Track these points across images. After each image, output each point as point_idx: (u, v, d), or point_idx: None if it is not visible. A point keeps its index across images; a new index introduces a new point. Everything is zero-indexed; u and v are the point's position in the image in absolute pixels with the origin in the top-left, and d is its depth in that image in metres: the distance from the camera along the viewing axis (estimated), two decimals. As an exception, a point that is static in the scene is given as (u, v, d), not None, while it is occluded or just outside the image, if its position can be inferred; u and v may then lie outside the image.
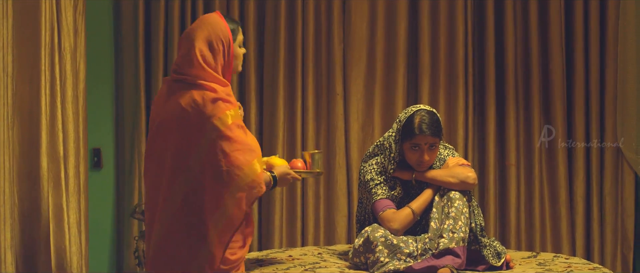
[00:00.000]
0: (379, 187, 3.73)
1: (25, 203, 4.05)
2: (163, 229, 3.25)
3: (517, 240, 5.29)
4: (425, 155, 3.66)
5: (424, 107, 3.72)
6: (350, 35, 5.30)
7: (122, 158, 5.22)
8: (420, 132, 3.61)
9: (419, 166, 3.70)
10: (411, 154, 3.68)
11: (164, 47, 5.15)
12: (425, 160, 3.66)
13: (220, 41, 3.30)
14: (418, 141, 3.63)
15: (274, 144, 5.17)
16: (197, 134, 3.22)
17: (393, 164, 3.72)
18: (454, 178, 3.63)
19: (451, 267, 3.36)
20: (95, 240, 4.96)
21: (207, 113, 3.20)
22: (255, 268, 3.56)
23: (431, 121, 3.63)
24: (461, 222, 3.48)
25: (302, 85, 5.26)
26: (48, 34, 4.19)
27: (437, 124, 3.65)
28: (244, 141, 3.24)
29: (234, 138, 3.22)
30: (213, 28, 3.31)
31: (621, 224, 5.31)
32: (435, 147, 3.68)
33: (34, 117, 4.10)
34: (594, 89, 5.31)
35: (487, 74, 5.31)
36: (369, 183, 3.76)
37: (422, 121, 3.62)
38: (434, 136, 3.63)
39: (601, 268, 3.56)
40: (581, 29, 5.30)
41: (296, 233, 5.24)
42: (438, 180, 3.66)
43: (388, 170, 3.73)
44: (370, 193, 3.74)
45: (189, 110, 3.23)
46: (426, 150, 3.65)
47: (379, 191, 3.72)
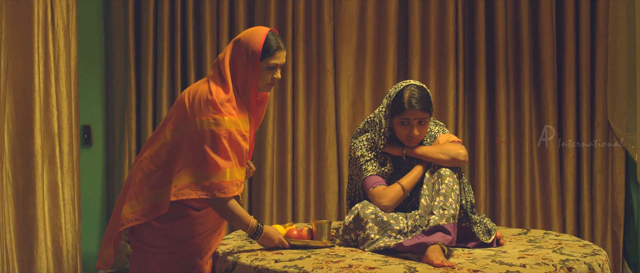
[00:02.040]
0: (369, 163, 3.73)
1: (20, 180, 4.04)
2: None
3: (508, 217, 5.31)
4: (415, 130, 3.65)
5: (414, 82, 3.71)
6: (341, 11, 5.29)
7: (112, 136, 5.22)
8: (410, 107, 3.60)
9: (409, 141, 3.70)
10: (401, 129, 3.67)
11: (154, 25, 5.14)
12: (415, 135, 3.66)
13: (248, 52, 3.35)
14: (407, 116, 3.63)
15: (264, 121, 5.17)
16: (184, 123, 3.33)
17: (383, 139, 3.71)
18: (444, 155, 3.63)
19: (441, 244, 3.36)
20: (86, 217, 4.97)
21: (195, 110, 3.30)
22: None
23: (421, 96, 3.63)
24: (451, 198, 3.48)
25: (293, 61, 5.25)
26: (41, 10, 4.17)
27: (427, 99, 3.65)
28: (223, 149, 3.28)
29: (209, 146, 3.28)
30: (249, 37, 3.38)
31: (611, 201, 5.33)
32: (425, 123, 3.67)
33: (28, 93, 4.09)
34: (584, 66, 5.31)
35: (477, 51, 5.31)
36: (359, 159, 3.76)
37: (411, 96, 3.62)
38: (424, 111, 3.62)
39: (591, 245, 3.57)
40: (572, 6, 5.30)
41: (286, 209, 5.25)
42: (429, 157, 3.65)
43: (378, 145, 3.72)
44: (361, 169, 3.74)
45: (188, 99, 3.35)
46: (416, 125, 3.64)
47: (369, 167, 3.72)
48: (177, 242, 3.41)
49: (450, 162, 3.62)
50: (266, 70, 3.39)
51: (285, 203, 5.25)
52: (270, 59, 3.37)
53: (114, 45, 5.17)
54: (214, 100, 3.29)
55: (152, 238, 3.41)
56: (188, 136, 3.30)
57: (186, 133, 3.31)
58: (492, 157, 5.37)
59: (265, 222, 5.16)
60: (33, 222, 4.09)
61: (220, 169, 3.26)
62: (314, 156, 5.31)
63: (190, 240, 3.43)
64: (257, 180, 5.22)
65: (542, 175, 5.35)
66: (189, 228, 3.42)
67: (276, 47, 3.38)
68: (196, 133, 3.28)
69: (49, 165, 4.20)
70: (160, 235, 3.40)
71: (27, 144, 4.08)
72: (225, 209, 3.32)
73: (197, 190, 3.27)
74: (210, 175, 3.25)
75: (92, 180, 5.18)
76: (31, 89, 4.09)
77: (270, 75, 3.41)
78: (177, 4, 5.14)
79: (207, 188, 3.26)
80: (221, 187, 3.26)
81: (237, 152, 3.31)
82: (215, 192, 3.26)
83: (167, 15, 5.11)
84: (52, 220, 4.22)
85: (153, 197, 3.36)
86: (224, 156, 3.27)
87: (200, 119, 3.29)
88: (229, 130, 3.27)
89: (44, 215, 4.15)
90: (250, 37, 3.37)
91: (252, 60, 3.34)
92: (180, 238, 3.41)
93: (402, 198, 3.65)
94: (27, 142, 4.08)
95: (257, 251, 3.44)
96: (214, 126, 3.27)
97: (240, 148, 3.32)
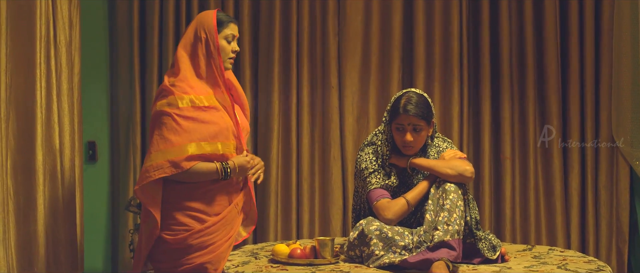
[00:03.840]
0: (373, 175, 3.74)
1: (21, 196, 4.04)
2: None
3: (512, 233, 5.30)
4: (408, 136, 3.66)
5: (415, 90, 3.74)
6: (345, 27, 5.30)
7: (117, 152, 5.22)
8: (404, 112, 3.63)
9: (404, 148, 3.70)
10: (397, 135, 3.69)
11: (159, 40, 5.15)
12: (408, 141, 3.66)
13: (203, 31, 3.51)
14: (401, 121, 3.64)
15: (269, 138, 5.16)
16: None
17: (387, 146, 3.73)
18: (451, 170, 3.63)
19: (446, 260, 3.36)
20: (90, 234, 4.96)
21: (154, 104, 3.50)
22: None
23: (417, 102, 3.64)
24: (456, 214, 3.49)
25: (297, 78, 5.25)
26: (43, 27, 4.18)
27: (423, 106, 3.65)
28: (158, 133, 3.41)
29: (155, 128, 3.45)
30: (200, 19, 3.55)
31: (616, 217, 5.31)
32: (421, 130, 3.67)
33: (29, 110, 4.09)
34: (588, 82, 5.30)
35: (482, 67, 5.30)
36: (364, 171, 3.77)
37: (407, 101, 3.64)
38: (418, 117, 3.63)
39: (596, 261, 3.57)
40: (576, 22, 5.29)
41: (291, 226, 5.24)
42: (435, 170, 3.66)
43: (383, 152, 3.73)
44: (365, 182, 3.75)
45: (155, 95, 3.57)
46: (410, 131, 3.65)
47: (373, 180, 3.73)
48: (184, 256, 3.44)
49: (457, 178, 3.63)
50: (225, 41, 3.56)
51: (290, 220, 5.25)
52: (226, 30, 3.56)
53: (119, 61, 5.17)
54: (165, 85, 3.47)
55: (162, 253, 3.45)
56: (150, 126, 3.48)
57: (150, 125, 3.50)
58: (497, 172, 5.37)
59: (270, 239, 5.15)
60: (34, 239, 4.09)
61: (175, 145, 3.37)
62: (318, 172, 5.30)
63: (205, 249, 3.45)
64: (261, 196, 5.21)
65: (546, 191, 5.34)
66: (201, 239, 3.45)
67: (227, 19, 3.58)
68: (153, 119, 3.46)
69: (50, 181, 4.20)
70: (171, 250, 3.42)
71: (28, 160, 4.08)
72: (191, 177, 3.41)
73: (158, 170, 3.36)
74: (168, 152, 3.36)
75: (97, 196, 5.17)
76: (33, 105, 4.10)
77: (229, 48, 3.59)
78: (182, 20, 5.15)
79: (169, 166, 3.36)
80: (176, 162, 3.36)
81: (195, 127, 3.42)
82: (173, 168, 3.36)
83: (172, 31, 5.12)
84: (53, 237, 4.22)
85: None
86: (178, 133, 3.38)
87: (154, 105, 3.47)
88: (181, 108, 3.41)
89: (46, 232, 4.15)
90: (200, 20, 3.56)
91: (211, 34, 3.50)
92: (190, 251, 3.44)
93: (407, 212, 3.65)
94: (29, 158, 4.08)
95: (262, 267, 3.44)
96: (167, 107, 3.41)
97: (201, 122, 3.42)
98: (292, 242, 3.92)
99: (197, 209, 3.44)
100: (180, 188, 3.44)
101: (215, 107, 3.47)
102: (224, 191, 3.51)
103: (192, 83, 3.46)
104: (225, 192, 3.52)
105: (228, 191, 3.53)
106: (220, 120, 3.46)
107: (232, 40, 3.60)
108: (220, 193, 3.50)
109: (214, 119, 3.44)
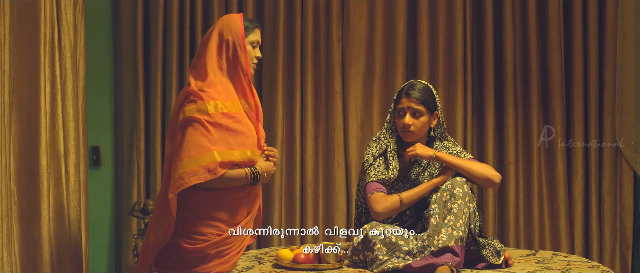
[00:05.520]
0: (371, 168, 3.76)
1: (25, 201, 4.04)
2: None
3: (516, 238, 5.29)
4: (407, 119, 3.68)
5: (420, 80, 3.79)
6: (349, 33, 5.30)
7: (121, 157, 5.22)
8: (405, 95, 3.66)
9: (404, 133, 3.72)
10: (398, 121, 3.73)
11: (163, 45, 5.15)
12: (406, 123, 3.68)
13: (230, 34, 3.48)
14: (402, 105, 3.68)
15: (273, 142, 5.17)
16: (175, 125, 3.50)
17: (390, 134, 3.76)
18: (478, 170, 3.66)
19: (450, 265, 3.36)
20: (94, 239, 4.97)
21: (180, 106, 3.46)
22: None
23: (418, 88, 3.68)
24: (462, 220, 3.49)
25: (301, 83, 5.26)
26: (48, 32, 4.18)
27: (424, 92, 3.69)
28: (190, 139, 3.37)
29: (185, 134, 3.39)
30: (225, 22, 3.52)
31: (620, 222, 5.31)
32: (421, 115, 3.69)
33: (34, 115, 4.09)
34: (592, 87, 5.30)
35: (485, 72, 5.31)
36: (364, 164, 3.80)
37: (409, 87, 3.70)
38: (418, 101, 3.66)
39: (600, 266, 3.57)
40: (580, 28, 5.29)
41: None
42: (461, 167, 3.66)
43: (387, 140, 3.77)
44: (364, 174, 3.78)
45: (175, 105, 3.53)
46: (410, 115, 3.67)
47: (371, 173, 3.75)
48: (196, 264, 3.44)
49: (483, 180, 3.65)
50: (250, 46, 3.57)
51: (294, 225, 5.24)
52: (251, 35, 3.56)
53: (123, 66, 5.18)
54: (193, 89, 3.43)
55: (175, 260, 3.45)
56: (179, 131, 3.42)
57: (177, 130, 3.43)
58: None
59: (274, 244, 5.15)
60: (38, 244, 4.09)
61: (207, 151, 3.34)
62: (322, 177, 5.30)
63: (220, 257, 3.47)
64: (265, 200, 5.21)
65: (550, 196, 5.33)
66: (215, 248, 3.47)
67: (252, 24, 3.58)
68: (182, 125, 3.40)
69: (54, 186, 4.20)
70: (187, 258, 3.42)
71: (32, 165, 4.08)
72: (224, 183, 3.41)
73: (193, 176, 3.33)
74: (201, 158, 3.34)
75: (101, 201, 5.18)
76: (37, 110, 4.10)
77: (253, 53, 3.59)
78: (186, 26, 5.15)
79: (204, 172, 3.34)
80: (210, 168, 3.33)
81: (225, 135, 3.40)
82: (208, 174, 3.34)
83: (175, 37, 5.13)
84: (57, 242, 4.22)
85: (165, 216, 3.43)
86: (210, 140, 3.35)
87: (183, 110, 3.42)
88: (212, 114, 3.38)
89: (50, 237, 4.15)
90: (226, 23, 3.53)
91: (238, 39, 3.49)
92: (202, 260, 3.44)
93: (398, 210, 3.66)
94: (33, 163, 4.08)
95: (266, 272, 3.44)
96: (197, 113, 3.38)
97: (229, 130, 3.41)
98: (296, 246, 3.92)
99: (220, 219, 3.44)
100: (208, 195, 3.44)
101: (241, 114, 3.48)
102: (246, 200, 3.54)
103: (219, 89, 3.45)
104: (247, 201, 3.54)
105: (249, 200, 3.55)
106: (246, 128, 3.47)
107: (256, 46, 3.61)
108: (243, 203, 3.53)
109: (242, 127, 3.45)
